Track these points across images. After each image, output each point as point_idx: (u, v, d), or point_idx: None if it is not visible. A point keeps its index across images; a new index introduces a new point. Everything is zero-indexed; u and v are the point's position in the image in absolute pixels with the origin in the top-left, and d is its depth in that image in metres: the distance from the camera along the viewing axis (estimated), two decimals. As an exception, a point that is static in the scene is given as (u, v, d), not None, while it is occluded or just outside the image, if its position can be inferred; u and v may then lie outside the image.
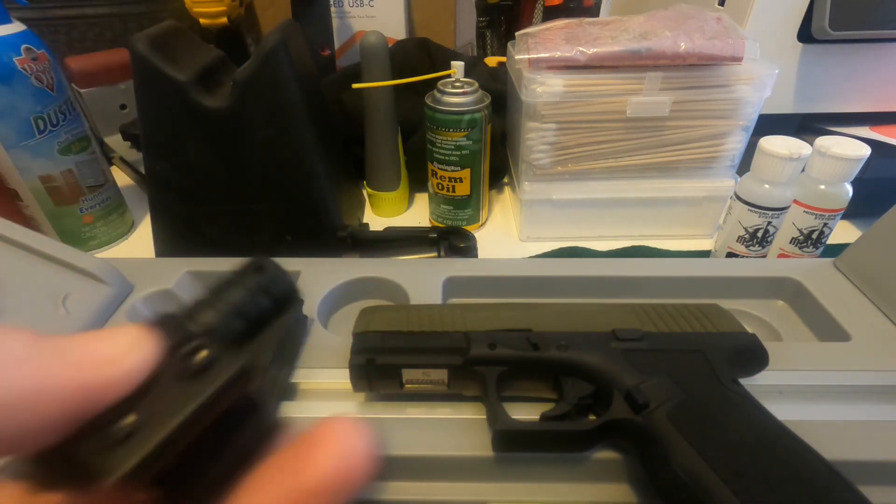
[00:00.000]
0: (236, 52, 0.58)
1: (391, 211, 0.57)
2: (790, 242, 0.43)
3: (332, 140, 0.50)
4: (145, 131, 0.42)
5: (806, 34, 0.48)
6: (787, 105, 0.53)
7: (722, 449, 0.21)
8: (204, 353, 0.12)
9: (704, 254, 0.49)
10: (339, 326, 0.36)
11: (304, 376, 0.30)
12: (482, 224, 0.55)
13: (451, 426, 0.27)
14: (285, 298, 0.17)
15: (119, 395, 0.11)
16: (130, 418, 0.11)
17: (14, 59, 0.41)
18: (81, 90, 0.59)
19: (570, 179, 0.49)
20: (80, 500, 0.11)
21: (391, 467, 0.26)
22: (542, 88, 0.43)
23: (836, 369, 0.30)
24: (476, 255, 0.46)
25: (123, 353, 0.11)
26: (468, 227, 0.52)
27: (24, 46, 0.42)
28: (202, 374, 0.12)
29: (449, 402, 0.28)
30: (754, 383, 0.29)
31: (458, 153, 0.48)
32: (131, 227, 0.55)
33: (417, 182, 0.58)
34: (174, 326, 0.13)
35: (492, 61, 0.68)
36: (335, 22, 0.68)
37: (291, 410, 0.28)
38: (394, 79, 0.49)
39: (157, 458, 0.11)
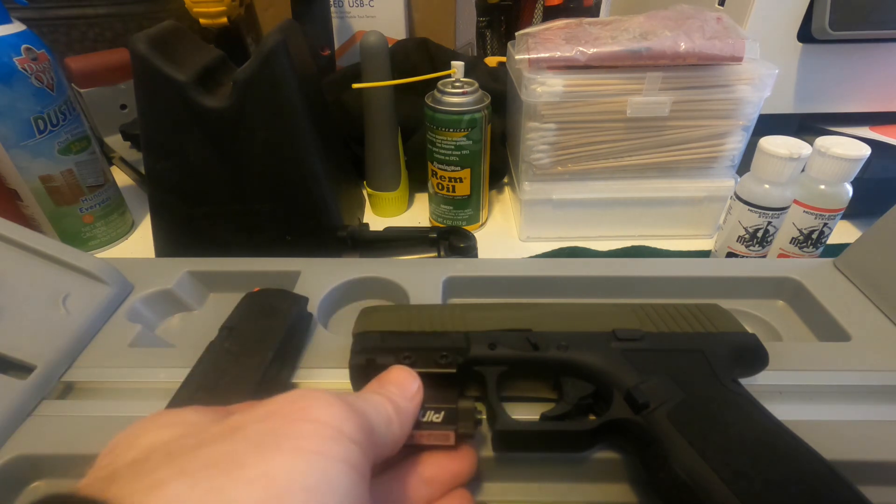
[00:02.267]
0: (236, 52, 0.58)
1: (391, 211, 0.57)
2: (790, 242, 0.43)
3: (332, 140, 0.50)
4: (145, 131, 0.42)
5: (806, 34, 0.48)
6: (787, 105, 0.53)
7: (722, 449, 0.21)
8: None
9: (704, 254, 0.49)
10: (339, 326, 0.36)
11: (304, 376, 0.30)
12: (482, 224, 0.55)
13: (451, 426, 0.27)
14: None
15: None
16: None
17: (14, 59, 0.41)
18: (81, 90, 0.59)
19: (570, 179, 0.49)
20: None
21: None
22: (542, 88, 0.43)
23: (836, 369, 0.30)
24: (476, 255, 0.45)
25: (416, 385, 0.22)
26: (468, 227, 0.52)
27: (24, 46, 0.42)
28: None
29: (449, 402, 0.28)
30: (754, 383, 0.29)
31: (458, 153, 0.48)
32: (131, 227, 0.55)
33: (417, 182, 0.58)
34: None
35: (492, 61, 0.68)
36: (335, 22, 0.68)
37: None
38: (394, 79, 0.49)
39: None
